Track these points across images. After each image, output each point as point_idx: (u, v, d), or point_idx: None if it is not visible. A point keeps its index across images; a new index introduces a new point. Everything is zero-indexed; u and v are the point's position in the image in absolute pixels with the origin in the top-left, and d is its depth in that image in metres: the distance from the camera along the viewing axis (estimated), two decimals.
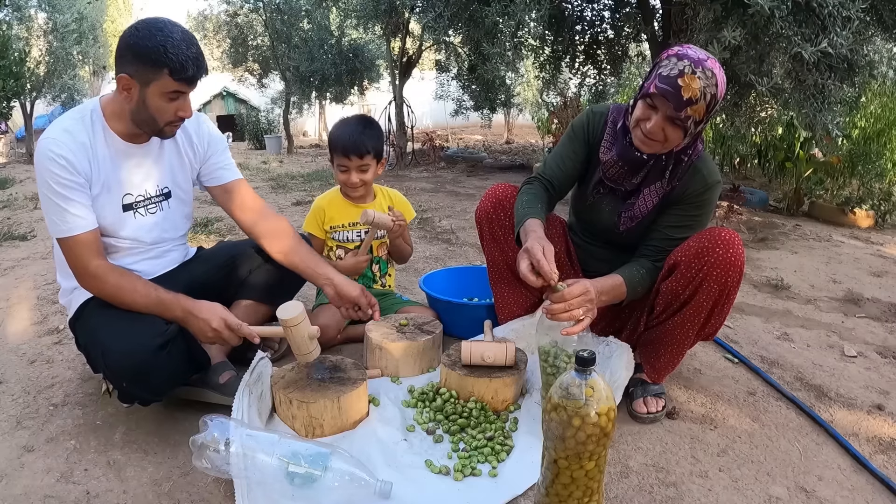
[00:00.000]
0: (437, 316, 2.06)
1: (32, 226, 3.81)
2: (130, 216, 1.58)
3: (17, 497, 1.31)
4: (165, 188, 1.65)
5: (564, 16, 5.32)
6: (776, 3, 2.84)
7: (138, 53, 1.38)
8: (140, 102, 1.44)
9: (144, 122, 1.48)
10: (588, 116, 1.71)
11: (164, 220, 1.66)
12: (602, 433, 1.05)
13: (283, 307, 1.44)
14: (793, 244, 3.65)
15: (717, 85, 1.39)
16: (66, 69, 7.84)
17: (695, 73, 1.36)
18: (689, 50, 1.41)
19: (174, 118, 1.48)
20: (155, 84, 1.41)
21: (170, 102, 1.45)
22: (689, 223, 1.60)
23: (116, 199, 1.54)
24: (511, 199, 1.76)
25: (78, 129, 1.47)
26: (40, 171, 1.43)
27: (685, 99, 1.37)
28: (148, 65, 1.38)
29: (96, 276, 1.46)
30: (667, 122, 1.43)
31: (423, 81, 10.56)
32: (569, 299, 1.39)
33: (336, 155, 2.03)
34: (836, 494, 1.37)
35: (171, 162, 1.64)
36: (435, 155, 7.83)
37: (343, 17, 9.63)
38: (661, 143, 1.49)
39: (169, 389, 1.54)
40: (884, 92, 4.99)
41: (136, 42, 1.38)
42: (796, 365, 2.02)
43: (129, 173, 1.56)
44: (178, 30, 1.41)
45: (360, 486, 1.24)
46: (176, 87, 1.42)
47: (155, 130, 1.51)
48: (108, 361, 1.42)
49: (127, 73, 1.40)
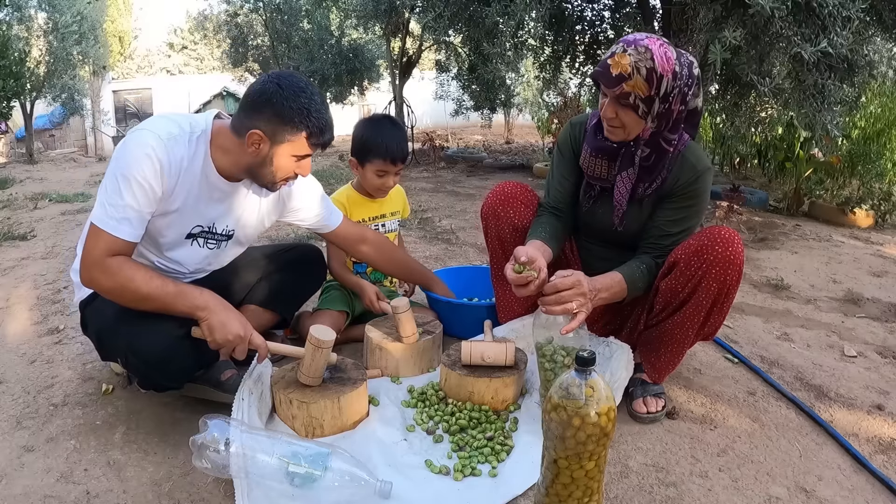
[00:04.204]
0: (437, 316, 2.07)
1: (32, 226, 3.81)
2: (189, 243, 1.57)
3: (17, 497, 1.31)
4: (231, 230, 1.63)
5: (564, 16, 5.32)
6: (776, 3, 2.84)
7: (279, 113, 1.37)
8: (266, 159, 1.43)
9: (261, 175, 1.47)
10: (568, 130, 1.75)
11: (215, 256, 1.66)
12: (602, 433, 1.05)
13: (319, 328, 1.46)
14: (793, 244, 3.65)
15: (652, 59, 1.39)
16: (66, 69, 7.84)
17: (626, 51, 1.40)
18: (630, 35, 1.45)
19: (291, 175, 1.49)
20: (288, 144, 1.41)
21: (295, 163, 1.45)
22: (685, 215, 1.61)
23: (186, 226, 1.53)
24: (518, 196, 1.77)
25: (182, 142, 1.43)
26: (128, 155, 1.36)
27: (615, 75, 1.40)
28: (288, 125, 1.38)
29: (107, 269, 1.36)
30: (615, 104, 1.46)
31: (423, 81, 10.55)
32: (561, 290, 1.41)
33: (374, 160, 1.99)
34: (836, 494, 1.37)
35: (248, 208, 1.63)
36: (435, 155, 7.82)
37: (343, 17, 9.63)
38: (622, 129, 1.51)
39: (188, 377, 1.55)
40: (884, 92, 4.98)
41: (280, 101, 1.37)
42: (796, 365, 2.02)
43: (209, 207, 1.54)
44: (318, 92, 1.42)
45: (360, 486, 1.24)
46: (308, 150, 1.43)
47: (267, 185, 1.50)
48: (135, 346, 1.41)
49: (261, 131, 1.39)
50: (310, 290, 1.99)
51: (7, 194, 5.03)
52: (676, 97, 1.45)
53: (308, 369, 1.47)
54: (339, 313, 2.01)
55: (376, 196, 2.11)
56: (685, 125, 1.56)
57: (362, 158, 2.01)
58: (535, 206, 1.80)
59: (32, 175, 6.31)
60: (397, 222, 2.21)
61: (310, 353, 1.45)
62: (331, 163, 7.68)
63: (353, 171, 2.08)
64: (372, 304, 1.96)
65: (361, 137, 2.01)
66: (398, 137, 2.01)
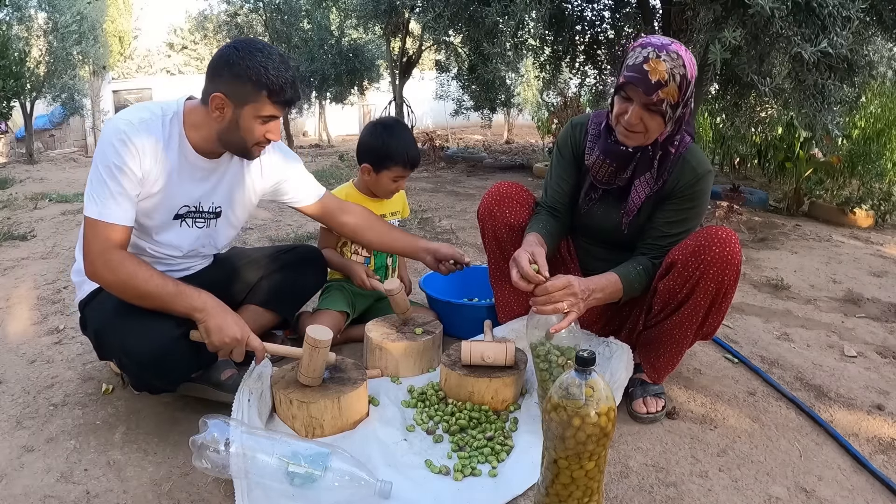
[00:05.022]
0: (437, 316, 2.07)
1: (32, 226, 3.81)
2: (177, 224, 1.57)
3: (17, 497, 1.31)
4: (218, 207, 1.64)
5: (564, 16, 5.32)
6: (776, 3, 2.83)
7: (237, 73, 1.38)
8: (232, 123, 1.43)
9: (232, 142, 1.48)
10: (569, 130, 1.74)
11: (206, 236, 1.66)
12: (602, 433, 1.05)
13: (315, 328, 1.46)
14: (793, 244, 3.65)
15: (685, 66, 1.40)
16: (66, 69, 7.82)
17: (659, 57, 1.39)
18: (651, 38, 1.44)
19: (262, 140, 1.48)
20: (251, 105, 1.41)
21: (261, 125, 1.44)
22: (684, 216, 1.61)
23: (172, 208, 1.53)
24: (514, 196, 1.77)
25: (156, 125, 1.45)
26: (105, 146, 1.39)
27: (654, 82, 1.39)
28: (247, 86, 1.38)
29: (109, 263, 1.38)
30: (643, 109, 1.45)
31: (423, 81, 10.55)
32: (552, 291, 1.42)
33: (394, 167, 1.99)
34: (836, 494, 1.37)
35: (231, 183, 1.64)
36: (435, 155, 7.82)
37: (343, 17, 9.63)
38: (642, 134, 1.50)
39: (182, 379, 1.54)
40: (884, 92, 4.98)
41: (235, 62, 1.37)
42: (796, 365, 2.02)
43: (192, 185, 1.55)
44: (276, 52, 1.41)
45: (360, 486, 1.24)
46: (271, 111, 1.42)
47: (241, 151, 1.51)
48: (128, 347, 1.41)
49: (222, 93, 1.40)
50: (310, 291, 1.99)
51: (7, 194, 5.03)
52: (690, 100, 1.46)
53: (307, 370, 1.47)
54: (339, 313, 2.01)
55: (384, 198, 2.11)
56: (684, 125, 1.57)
57: (379, 165, 2.00)
58: (531, 205, 1.80)
59: (32, 175, 6.30)
60: (397, 222, 2.21)
61: (307, 353, 1.45)
62: (331, 163, 7.68)
63: (364, 176, 2.06)
64: (363, 283, 1.97)
65: (378, 144, 1.99)
66: (413, 142, 2.03)
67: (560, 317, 1.44)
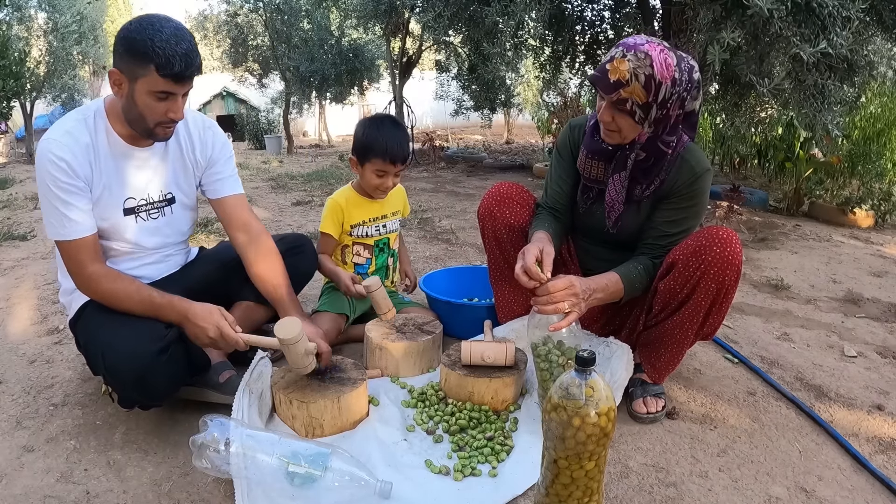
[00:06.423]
0: (437, 316, 2.07)
1: (32, 226, 3.81)
2: (132, 220, 1.56)
3: (17, 497, 1.31)
4: (169, 193, 1.63)
5: (564, 16, 5.32)
6: (775, 3, 2.84)
7: (128, 47, 1.35)
8: (129, 99, 1.41)
9: (135, 120, 1.46)
10: (568, 132, 1.76)
11: (167, 225, 1.65)
12: (602, 433, 1.05)
13: (282, 324, 1.43)
14: (793, 244, 3.65)
15: (652, 66, 1.38)
16: (66, 69, 7.84)
17: (624, 57, 1.39)
18: (630, 38, 1.43)
19: (164, 119, 1.44)
20: (142, 80, 1.37)
21: (158, 102, 1.40)
22: (684, 216, 1.61)
23: (118, 203, 1.53)
24: (514, 196, 1.77)
25: (80, 130, 1.45)
26: (41, 173, 1.42)
27: (612, 81, 1.40)
28: (136, 59, 1.35)
29: (91, 280, 1.45)
30: (612, 109, 1.46)
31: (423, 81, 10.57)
32: (553, 292, 1.42)
33: (374, 160, 1.97)
34: (836, 494, 1.37)
35: (174, 167, 1.62)
36: (435, 155, 7.83)
37: (343, 17, 9.64)
38: (618, 133, 1.51)
39: (169, 394, 1.53)
40: (884, 92, 4.99)
41: (127, 35, 1.36)
42: (796, 365, 2.02)
43: (131, 177, 1.54)
44: (172, 25, 1.37)
45: (360, 486, 1.24)
46: (163, 86, 1.37)
47: (145, 130, 1.47)
48: (108, 366, 1.41)
49: (117, 68, 1.39)
50: (302, 279, 1.92)
51: (7, 194, 5.03)
52: (675, 103, 1.44)
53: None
54: (338, 315, 2.01)
55: (375, 196, 2.10)
56: (683, 126, 1.56)
57: (362, 157, 2.00)
58: (531, 205, 1.80)
59: (32, 175, 6.30)
60: (398, 222, 2.21)
61: (284, 351, 1.45)
62: (331, 163, 7.69)
63: (354, 170, 2.08)
64: (348, 289, 1.95)
65: (362, 136, 2.00)
66: (399, 138, 1.99)
67: (561, 316, 1.44)
